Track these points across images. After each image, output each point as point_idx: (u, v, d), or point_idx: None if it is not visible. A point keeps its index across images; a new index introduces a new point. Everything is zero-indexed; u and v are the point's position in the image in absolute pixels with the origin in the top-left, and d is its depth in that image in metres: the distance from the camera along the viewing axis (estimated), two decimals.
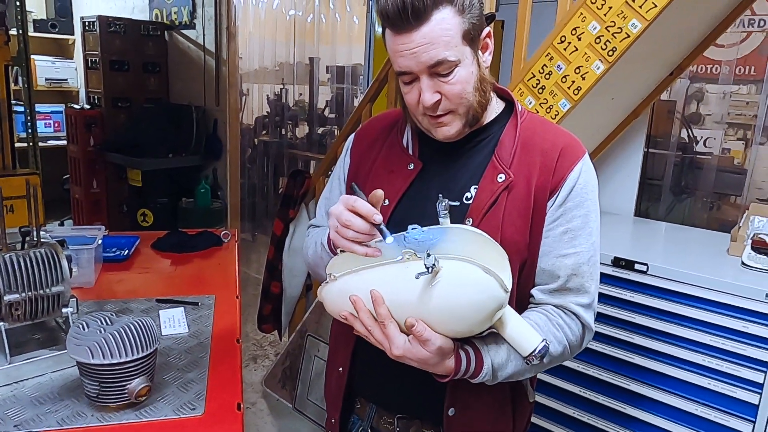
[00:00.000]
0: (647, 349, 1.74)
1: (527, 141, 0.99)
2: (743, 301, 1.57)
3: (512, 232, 0.94)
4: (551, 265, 0.97)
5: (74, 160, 4.42)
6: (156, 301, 1.48)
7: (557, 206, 0.96)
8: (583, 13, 1.69)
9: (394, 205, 1.01)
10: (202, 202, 4.08)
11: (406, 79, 0.92)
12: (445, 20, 0.87)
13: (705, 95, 2.91)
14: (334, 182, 1.17)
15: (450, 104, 0.93)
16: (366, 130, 1.14)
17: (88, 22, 4.32)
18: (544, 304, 0.99)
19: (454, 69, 0.90)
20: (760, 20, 2.73)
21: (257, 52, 4.91)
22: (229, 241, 2.03)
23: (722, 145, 2.82)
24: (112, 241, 1.90)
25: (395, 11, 0.86)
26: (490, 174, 0.97)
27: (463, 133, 0.99)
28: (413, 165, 1.03)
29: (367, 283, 0.85)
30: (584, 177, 0.98)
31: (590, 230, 0.98)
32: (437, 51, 0.87)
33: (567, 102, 1.75)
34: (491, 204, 0.95)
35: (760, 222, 1.86)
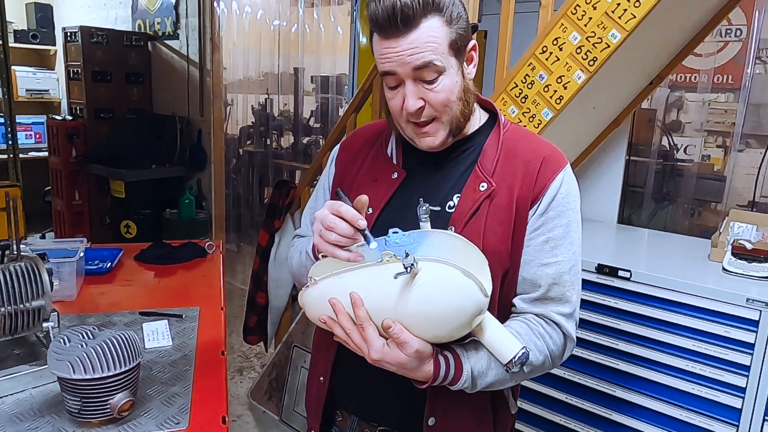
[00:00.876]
0: (631, 355, 1.75)
1: (510, 151, 1.00)
2: (725, 306, 1.59)
3: (494, 241, 0.95)
4: (532, 274, 0.97)
5: (56, 172, 4.37)
6: (139, 314, 1.46)
7: (538, 215, 0.97)
8: (564, 23, 1.71)
9: (377, 213, 1.02)
10: (187, 213, 4.05)
11: (391, 82, 0.93)
12: (433, 28, 0.89)
13: (684, 103, 2.96)
14: (319, 192, 1.17)
15: (433, 112, 0.94)
16: (351, 141, 1.15)
17: (70, 32, 4.28)
18: (525, 313, 0.99)
19: (438, 77, 0.91)
20: (737, 30, 2.79)
21: (242, 62, 4.91)
22: (213, 252, 2.02)
23: (702, 152, 2.86)
24: (94, 254, 1.88)
25: (385, 16, 0.87)
26: (472, 183, 0.98)
27: (447, 144, 0.99)
28: (397, 174, 1.04)
29: (347, 287, 0.86)
30: (566, 187, 0.99)
31: (571, 240, 0.99)
32: (423, 54, 0.89)
33: (549, 111, 1.77)
34: (473, 212, 0.95)
35: (740, 228, 1.89)
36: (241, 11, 4.08)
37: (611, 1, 1.61)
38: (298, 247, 1.13)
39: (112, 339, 0.98)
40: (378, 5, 0.88)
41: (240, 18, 4.32)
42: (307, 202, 1.26)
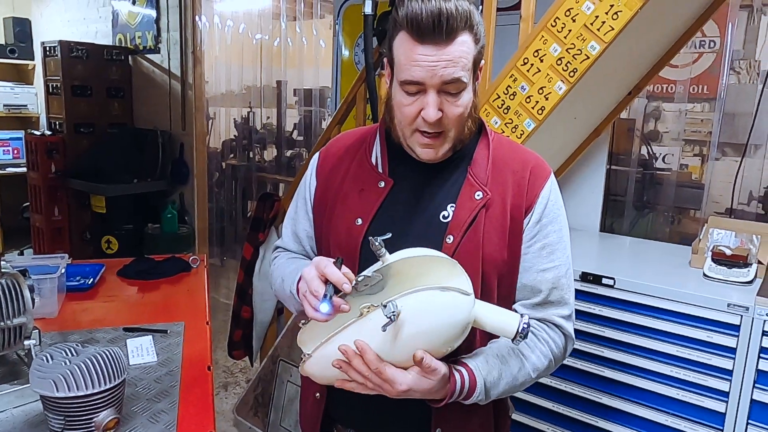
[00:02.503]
0: (617, 361, 1.77)
1: (498, 160, 1.02)
2: (706, 311, 1.62)
3: (491, 249, 0.97)
4: (532, 279, 1.00)
5: (34, 188, 4.29)
6: (123, 330, 1.44)
7: (534, 223, 1.00)
8: (545, 36, 1.74)
9: (367, 224, 1.01)
10: (169, 228, 4.01)
11: (412, 89, 0.92)
12: (466, 44, 0.90)
13: (662, 113, 3.02)
14: (299, 202, 1.15)
15: (447, 124, 0.94)
16: (331, 149, 1.14)
17: (49, 47, 4.24)
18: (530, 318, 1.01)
19: (462, 91, 0.92)
20: (710, 41, 2.86)
21: (224, 75, 4.90)
22: (197, 266, 2.00)
23: (680, 161, 2.92)
24: (76, 270, 1.85)
25: (429, 21, 0.86)
26: (467, 192, 0.99)
27: (445, 157, 1.00)
28: (384, 183, 1.03)
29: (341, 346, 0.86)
30: (554, 194, 1.03)
31: (565, 244, 1.03)
32: (455, 69, 0.89)
33: (531, 121, 1.79)
34: (471, 221, 0.97)
35: (719, 234, 1.93)
36: (223, 25, 4.07)
37: (590, 14, 1.65)
38: (280, 271, 1.10)
39: (96, 356, 0.97)
40: (422, 6, 0.87)
41: (222, 32, 4.32)
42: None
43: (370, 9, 1.73)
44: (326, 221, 1.07)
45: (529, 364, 0.99)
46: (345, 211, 1.04)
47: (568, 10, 1.68)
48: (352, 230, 1.01)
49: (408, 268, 0.87)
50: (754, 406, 1.56)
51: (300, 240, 1.15)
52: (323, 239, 1.09)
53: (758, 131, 2.62)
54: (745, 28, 2.83)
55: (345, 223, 1.03)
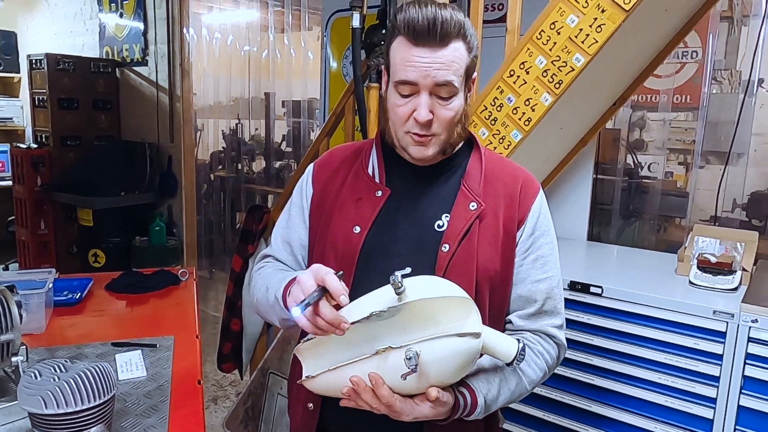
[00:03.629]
0: (606, 369, 1.78)
1: (489, 173, 1.05)
2: (693, 318, 1.64)
3: (485, 259, 1.00)
4: (527, 290, 1.04)
5: (20, 201, 4.25)
6: (111, 345, 1.43)
7: (527, 236, 1.04)
8: (530, 48, 1.76)
9: (366, 232, 1.02)
10: (157, 241, 3.99)
11: (405, 90, 0.96)
12: (459, 50, 0.94)
13: (647, 123, 3.06)
14: (293, 211, 1.15)
15: (438, 128, 0.97)
16: (327, 160, 1.16)
17: (35, 60, 4.22)
18: (522, 331, 1.05)
19: (452, 96, 0.96)
20: (692, 52, 2.91)
21: (212, 87, 4.90)
22: (187, 279, 1.99)
23: (665, 169, 2.96)
24: (63, 284, 1.83)
25: (425, 25, 0.91)
26: (461, 202, 1.02)
27: (435, 160, 1.03)
28: (381, 192, 1.05)
29: (346, 379, 0.87)
30: (544, 207, 1.07)
31: (555, 256, 1.07)
32: (447, 73, 0.93)
33: (518, 132, 1.82)
34: (466, 231, 0.99)
35: (704, 242, 1.96)
36: (211, 37, 4.08)
37: (574, 27, 1.67)
38: (265, 280, 1.09)
39: (85, 371, 0.96)
40: (418, 12, 0.92)
41: (210, 44, 4.32)
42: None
43: (357, 23, 1.75)
44: (322, 229, 1.08)
45: (526, 378, 1.02)
46: (342, 219, 1.05)
47: (553, 23, 1.71)
48: (350, 238, 1.02)
49: (424, 304, 0.87)
50: (741, 412, 1.57)
51: (292, 248, 1.14)
52: (317, 247, 1.09)
53: (740, 140, 2.66)
54: (726, 38, 2.89)
55: (342, 231, 1.04)
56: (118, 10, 4.38)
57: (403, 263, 0.97)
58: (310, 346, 0.92)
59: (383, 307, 0.84)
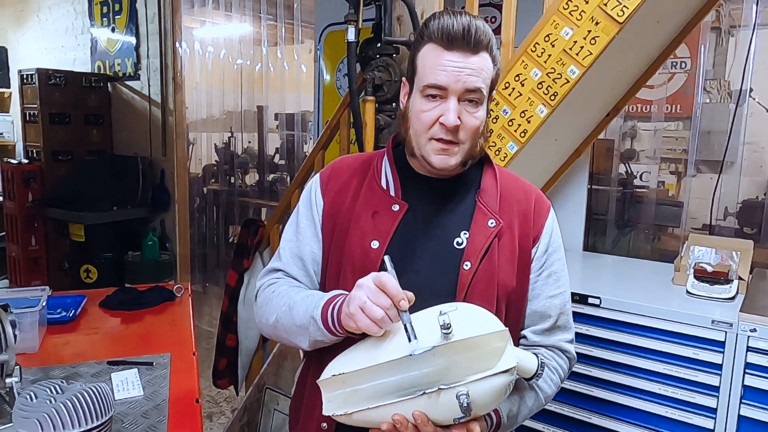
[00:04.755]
0: (605, 381, 1.78)
1: (504, 190, 1.06)
2: (691, 328, 1.64)
3: (504, 277, 1.01)
4: (542, 306, 1.06)
5: (10, 217, 4.21)
6: (107, 364, 1.41)
7: (542, 253, 1.05)
8: (525, 60, 1.77)
9: (385, 246, 1.01)
10: (150, 255, 3.95)
11: (434, 93, 0.96)
12: (487, 61, 0.97)
13: (638, 132, 3.09)
14: (302, 224, 1.11)
15: (465, 135, 0.97)
16: (336, 170, 1.12)
17: (27, 74, 4.20)
18: (537, 346, 1.06)
19: (480, 105, 0.97)
20: (681, 62, 2.94)
21: (204, 101, 4.89)
22: (182, 295, 1.97)
23: (657, 178, 2.98)
24: (56, 302, 1.81)
25: (459, 30, 0.93)
26: (480, 219, 1.02)
27: (455, 171, 1.03)
28: (398, 206, 1.04)
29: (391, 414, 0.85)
30: (555, 224, 1.10)
31: (566, 270, 1.10)
32: (478, 80, 0.95)
33: (515, 144, 1.82)
34: (486, 249, 1.00)
35: (700, 251, 1.96)
36: (203, 51, 4.08)
37: (568, 39, 1.69)
38: (285, 298, 1.04)
39: (83, 393, 0.94)
40: (452, 19, 0.94)
41: (202, 58, 4.32)
42: (276, 241, 1.22)
43: (353, 36, 1.75)
44: (338, 242, 1.05)
45: (543, 394, 1.04)
46: (359, 232, 1.03)
47: (547, 36, 1.72)
48: (368, 252, 1.01)
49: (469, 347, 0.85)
50: (741, 422, 1.57)
51: (304, 263, 1.10)
52: (333, 260, 1.06)
53: (731, 148, 2.68)
54: (715, 49, 2.92)
55: (359, 245, 1.02)
56: (110, 24, 4.37)
57: (422, 280, 0.98)
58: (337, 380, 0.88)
59: (428, 346, 0.81)
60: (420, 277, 0.99)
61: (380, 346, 0.87)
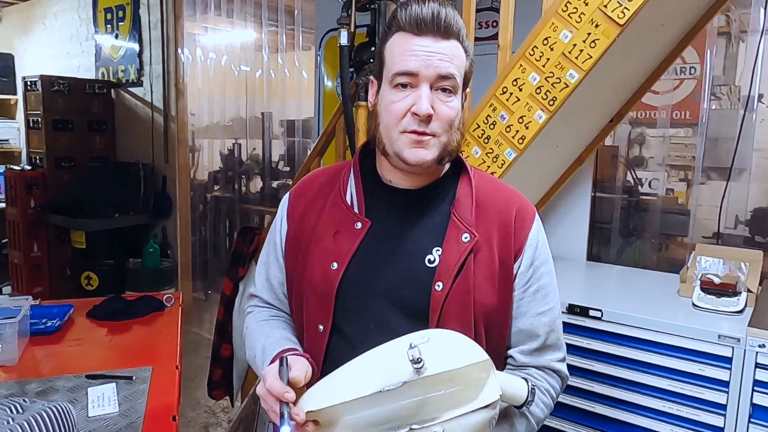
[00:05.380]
0: (607, 396, 1.70)
1: (482, 199, 0.98)
2: (697, 343, 1.56)
3: (481, 296, 0.92)
4: (530, 324, 0.98)
5: (13, 224, 4.21)
6: (86, 378, 1.36)
7: (526, 267, 0.97)
8: (523, 64, 1.72)
9: (344, 269, 0.94)
10: (151, 263, 3.92)
11: (404, 81, 0.90)
12: (458, 49, 0.92)
13: (646, 139, 3.02)
14: (270, 247, 1.08)
15: (439, 126, 0.90)
16: (303, 188, 1.07)
17: (30, 81, 4.21)
18: (526, 367, 0.99)
19: (454, 94, 0.92)
20: (691, 68, 2.88)
21: (209, 108, 4.87)
22: (172, 305, 1.92)
23: (666, 185, 2.91)
24: (41, 312, 1.77)
25: (429, 15, 0.89)
26: (453, 234, 0.94)
27: (432, 168, 0.95)
28: (360, 224, 0.97)
29: None
30: (541, 234, 1.00)
31: (555, 283, 1.02)
32: (451, 66, 0.90)
33: (512, 151, 1.76)
34: (460, 266, 0.92)
35: (707, 262, 1.89)
36: (205, 58, 4.06)
37: (567, 42, 1.63)
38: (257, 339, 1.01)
39: (42, 413, 0.89)
40: (421, 6, 0.90)
41: (204, 64, 4.31)
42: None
43: (345, 40, 1.71)
44: (300, 266, 1.00)
45: (534, 419, 0.97)
46: (319, 254, 0.97)
47: (546, 39, 1.67)
48: (327, 275, 0.95)
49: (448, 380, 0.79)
50: None
51: (273, 288, 1.09)
52: (295, 286, 1.02)
53: (742, 155, 2.61)
54: (725, 54, 2.85)
55: (320, 268, 0.96)
56: (114, 31, 4.38)
57: (389, 303, 0.91)
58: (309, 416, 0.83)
59: (397, 382, 0.76)
60: (386, 300, 0.92)
61: (356, 378, 0.81)
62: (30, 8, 5.19)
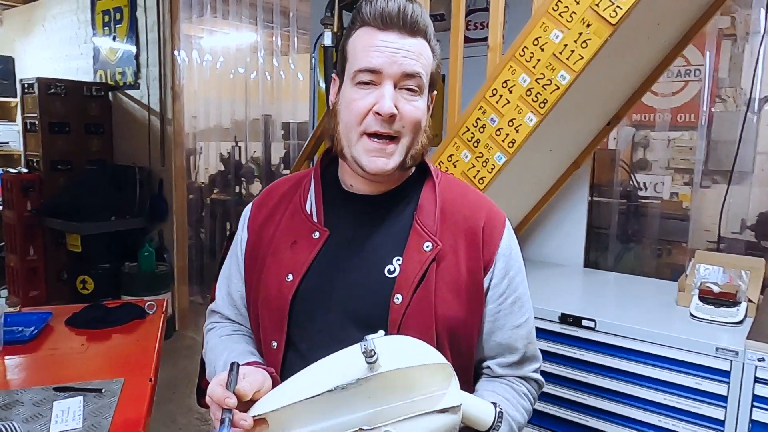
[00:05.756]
0: (600, 410, 1.64)
1: (447, 205, 0.92)
2: (694, 356, 1.50)
3: (445, 309, 0.86)
4: (508, 338, 0.94)
5: (9, 227, 4.19)
6: (53, 390, 1.31)
7: (500, 279, 0.92)
8: (513, 65, 1.66)
9: (298, 281, 0.89)
10: (146, 267, 3.88)
11: (367, 78, 0.84)
12: (425, 48, 0.87)
13: (651, 142, 2.96)
14: (231, 260, 1.04)
15: (401, 127, 0.85)
16: (265, 198, 1.03)
17: (27, 84, 4.19)
18: (504, 377, 0.96)
19: (420, 94, 0.87)
20: (695, 70, 2.81)
21: (210, 110, 4.84)
22: (154, 312, 1.88)
23: (671, 189, 2.84)
24: (20, 319, 1.72)
25: (394, 9, 0.84)
26: (414, 243, 0.87)
27: (396, 175, 0.89)
28: (318, 233, 0.92)
29: None
30: (513, 242, 0.95)
31: (528, 294, 0.97)
32: (417, 64, 0.85)
33: (503, 155, 1.70)
34: (421, 278, 0.85)
35: (706, 270, 1.82)
36: (201, 59, 4.02)
37: (558, 42, 1.57)
38: (216, 356, 0.98)
39: None
40: (387, 0, 0.85)
41: (208, 67, 4.28)
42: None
43: (329, 41, 1.66)
44: (256, 279, 0.96)
45: (515, 423, 0.91)
46: (276, 266, 0.92)
47: (536, 39, 1.61)
48: (282, 287, 0.90)
49: (398, 372, 0.74)
50: None
51: (234, 302, 1.04)
52: (252, 299, 0.97)
53: (746, 158, 2.54)
54: (730, 56, 2.79)
55: (275, 280, 0.91)
56: (112, 33, 4.35)
57: (345, 317, 0.86)
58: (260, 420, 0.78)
59: (350, 378, 0.71)
60: (343, 313, 0.87)
61: (308, 380, 0.76)
62: (30, 11, 5.18)
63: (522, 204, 2.18)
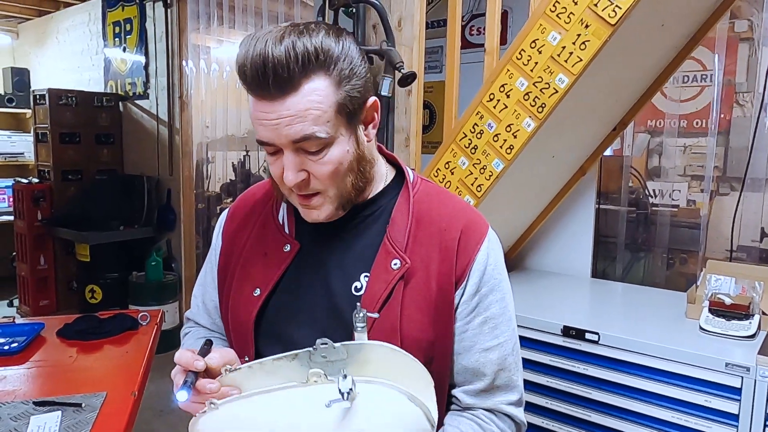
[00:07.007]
0: (604, 427, 1.57)
1: (422, 217, 0.85)
2: (703, 372, 1.42)
3: (411, 329, 0.80)
4: (475, 361, 0.84)
5: (20, 236, 4.22)
6: (33, 404, 1.28)
7: (470, 295, 0.83)
8: (510, 69, 1.61)
9: (266, 294, 0.85)
10: (154, 276, 3.87)
11: (270, 149, 0.77)
12: (317, 91, 0.72)
13: (666, 148, 2.88)
14: (207, 266, 1.01)
15: (319, 185, 0.78)
16: (239, 205, 0.98)
17: (39, 95, 4.23)
18: (473, 409, 0.86)
19: (324, 148, 0.75)
20: (711, 75, 2.73)
21: (222, 120, 4.85)
22: (147, 323, 1.85)
23: (688, 196, 2.76)
24: (12, 330, 1.71)
25: (254, 73, 0.71)
26: (382, 260, 0.82)
27: (337, 216, 0.84)
28: (289, 246, 0.87)
29: (261, 413, 0.70)
30: (493, 257, 0.85)
31: (509, 315, 0.87)
32: (303, 126, 0.73)
33: (501, 161, 1.65)
34: (387, 297, 0.80)
35: (718, 281, 1.74)
36: (209, 69, 4.03)
37: (556, 45, 1.52)
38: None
39: None
40: (247, 54, 0.71)
41: (208, 76, 4.28)
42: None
43: None
44: (226, 291, 0.92)
45: None
46: (245, 278, 0.88)
47: (534, 42, 1.56)
48: (248, 302, 0.86)
49: (380, 358, 0.70)
50: None
51: (209, 311, 1.00)
52: (222, 311, 0.93)
53: (763, 165, 2.46)
54: (747, 61, 2.71)
55: (243, 294, 0.87)
56: (122, 44, 4.39)
57: (310, 335, 0.80)
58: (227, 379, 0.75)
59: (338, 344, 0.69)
60: (309, 331, 0.81)
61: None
62: (45, 23, 5.26)
63: (525, 212, 2.11)
